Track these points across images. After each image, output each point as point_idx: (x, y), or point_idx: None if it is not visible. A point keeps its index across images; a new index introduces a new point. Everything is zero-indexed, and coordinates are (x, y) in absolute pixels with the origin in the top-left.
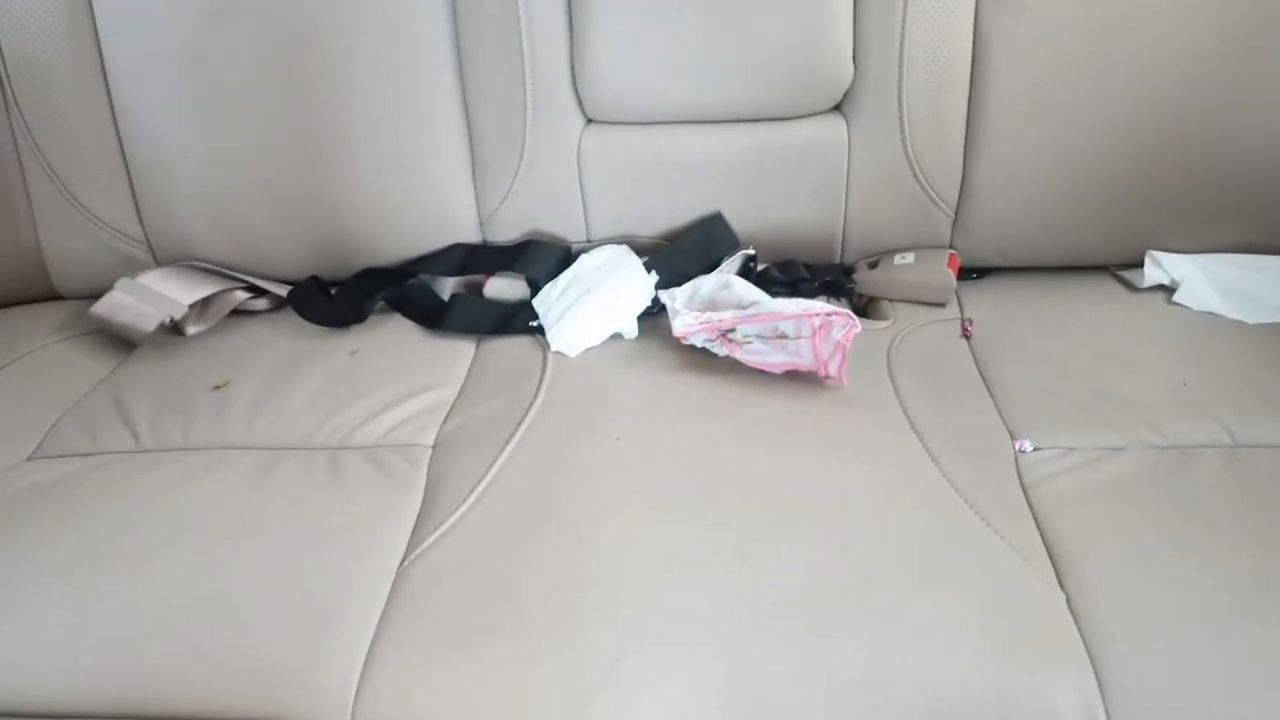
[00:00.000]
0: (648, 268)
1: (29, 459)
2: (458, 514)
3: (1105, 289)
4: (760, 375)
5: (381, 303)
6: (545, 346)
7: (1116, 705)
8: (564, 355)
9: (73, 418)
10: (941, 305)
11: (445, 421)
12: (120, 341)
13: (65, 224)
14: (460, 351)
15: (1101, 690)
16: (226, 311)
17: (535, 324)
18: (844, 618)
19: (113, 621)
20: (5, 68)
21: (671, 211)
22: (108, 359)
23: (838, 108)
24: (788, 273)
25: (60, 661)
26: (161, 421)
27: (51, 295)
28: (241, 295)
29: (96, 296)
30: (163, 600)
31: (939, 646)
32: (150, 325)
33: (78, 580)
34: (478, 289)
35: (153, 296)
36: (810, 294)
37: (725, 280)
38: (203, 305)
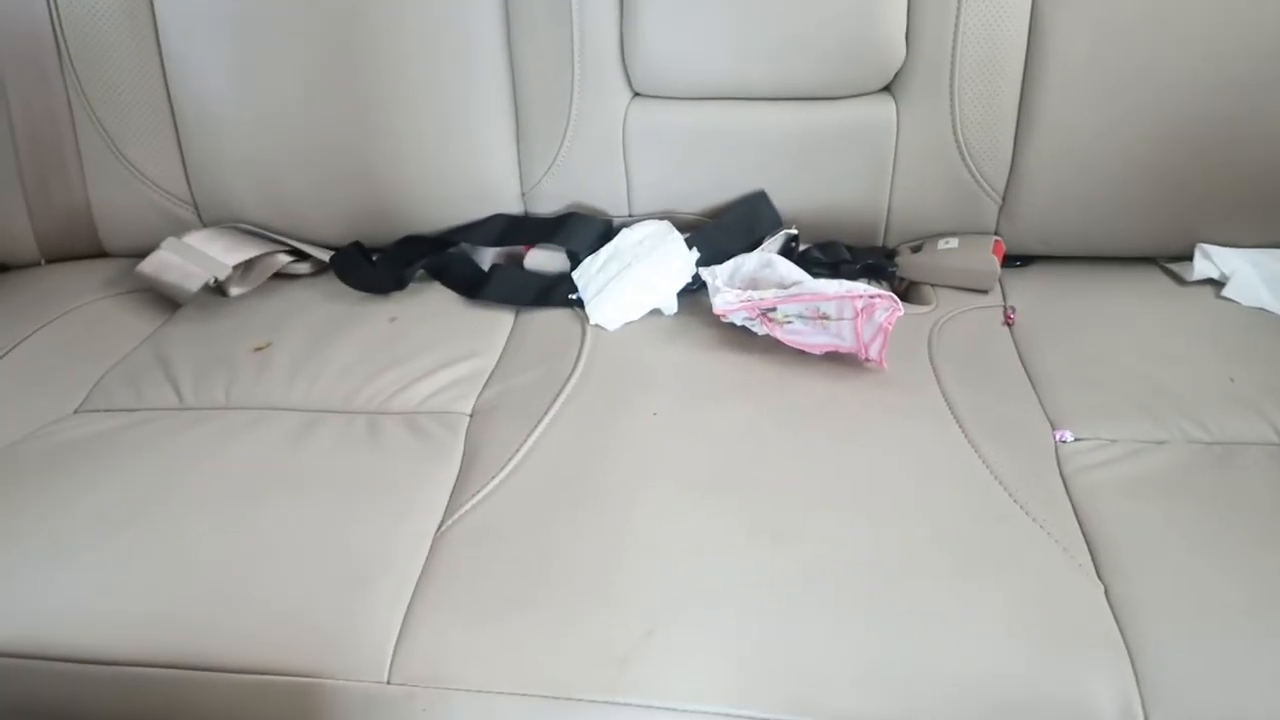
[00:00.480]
0: (689, 244)
1: (75, 412)
2: (495, 481)
3: (1152, 281)
4: (799, 355)
5: (422, 270)
6: (584, 319)
7: (1154, 701)
8: (603, 329)
9: (118, 373)
10: (984, 292)
11: (483, 390)
12: (165, 300)
13: (114, 182)
14: (499, 321)
15: (1139, 685)
16: (269, 274)
17: (574, 297)
18: (877, 600)
19: (153, 573)
20: (61, 27)
21: (715, 188)
22: (153, 316)
23: (887, 88)
24: (829, 254)
25: (100, 611)
26: (204, 380)
27: (99, 252)
28: (284, 258)
29: (143, 255)
30: (203, 554)
31: (974, 632)
32: (195, 285)
33: (120, 532)
34: (518, 260)
35: (198, 256)
36: (851, 276)
37: (767, 259)
38: (246, 267)
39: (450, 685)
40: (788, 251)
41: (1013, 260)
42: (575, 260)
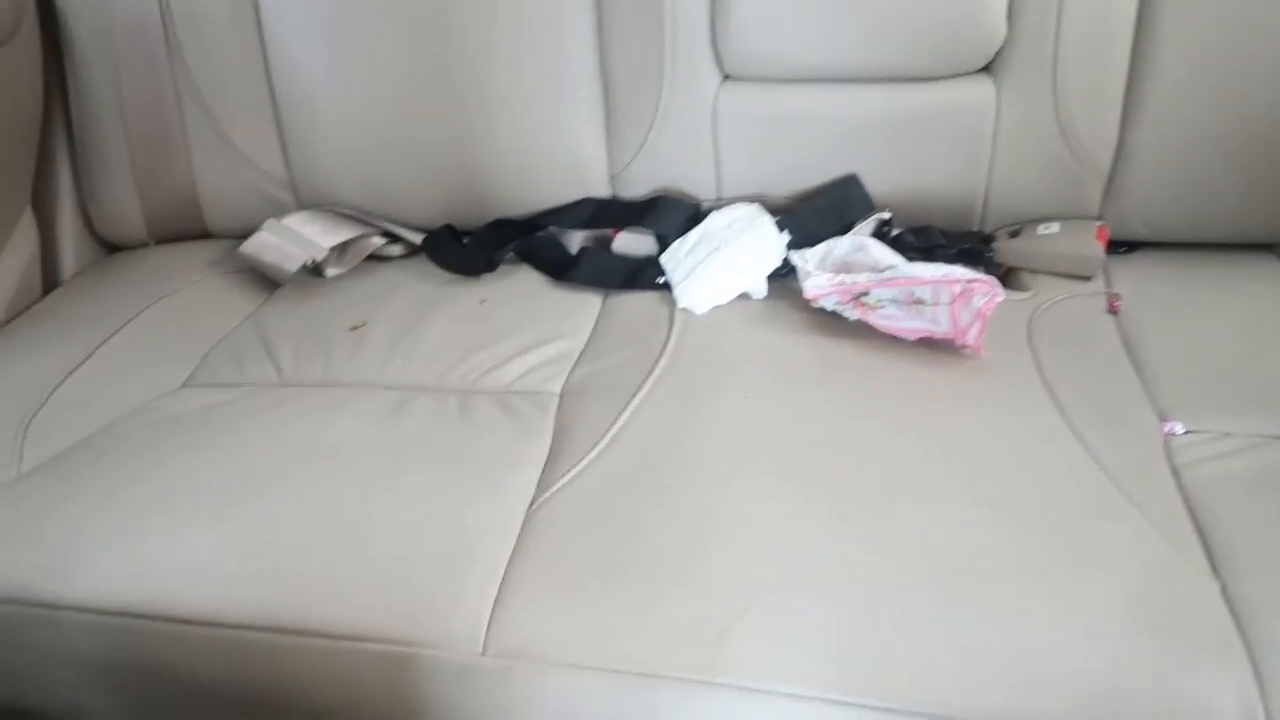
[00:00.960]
0: (779, 227)
1: (183, 386)
2: (586, 460)
3: (1268, 270)
4: (892, 341)
5: (511, 253)
6: (672, 303)
7: (1279, 704)
8: (691, 312)
9: (222, 350)
10: (1087, 279)
11: (572, 371)
12: (265, 279)
13: (219, 166)
14: (587, 304)
15: (1261, 686)
16: (364, 256)
17: (663, 280)
18: (978, 589)
19: (254, 541)
20: (170, 14)
21: (805, 172)
22: (254, 296)
23: (986, 68)
24: (923, 239)
25: (203, 575)
26: (303, 357)
27: (203, 233)
28: (378, 241)
29: (244, 235)
30: (302, 524)
31: (1079, 627)
32: (293, 266)
33: (225, 500)
34: (606, 243)
35: (296, 238)
36: (947, 261)
37: (860, 242)
38: (341, 249)
39: (545, 660)
40: (880, 236)
41: (1117, 246)
42: (664, 243)
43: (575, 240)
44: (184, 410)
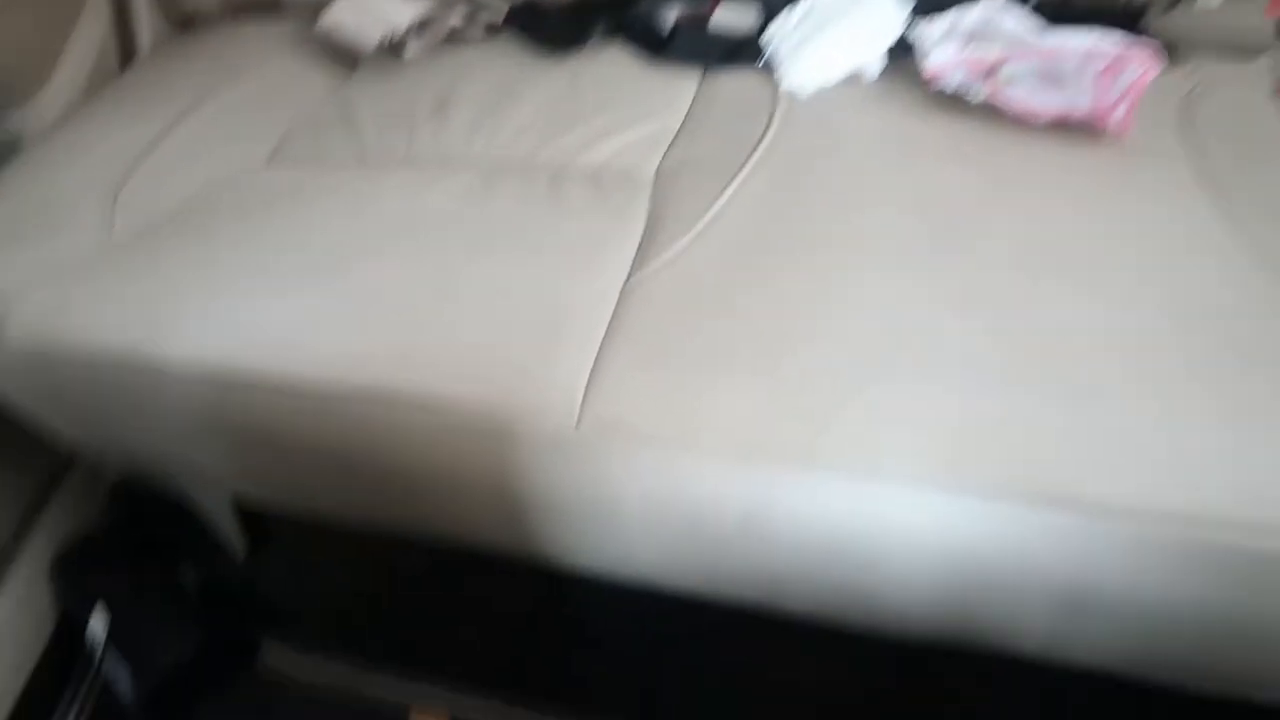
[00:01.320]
0: None
1: (268, 161)
2: (684, 240)
3: None
4: (1023, 125)
5: (602, 28)
6: (775, 83)
7: None
8: (795, 94)
9: (304, 127)
10: (1255, 56)
11: (668, 152)
12: (344, 58)
13: None
14: (684, 82)
15: None
16: (443, 36)
17: (765, 58)
18: (1119, 383)
19: (343, 310)
20: None
21: None
22: (332, 75)
23: None
24: (1066, 9)
25: (294, 342)
26: (386, 135)
27: (275, 4)
28: (457, 20)
29: (316, 6)
30: (393, 294)
31: (1236, 426)
32: (371, 43)
33: (312, 272)
34: (704, 19)
35: (372, 11)
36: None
37: (992, 12)
38: (419, 29)
39: (640, 436)
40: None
41: None
42: (769, 16)
43: (670, 14)
44: (269, 185)
